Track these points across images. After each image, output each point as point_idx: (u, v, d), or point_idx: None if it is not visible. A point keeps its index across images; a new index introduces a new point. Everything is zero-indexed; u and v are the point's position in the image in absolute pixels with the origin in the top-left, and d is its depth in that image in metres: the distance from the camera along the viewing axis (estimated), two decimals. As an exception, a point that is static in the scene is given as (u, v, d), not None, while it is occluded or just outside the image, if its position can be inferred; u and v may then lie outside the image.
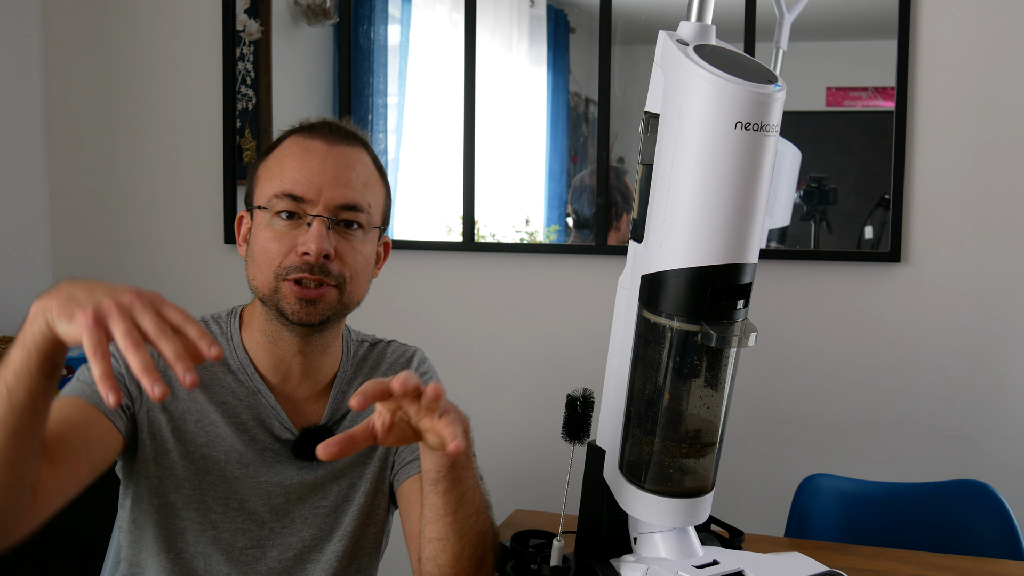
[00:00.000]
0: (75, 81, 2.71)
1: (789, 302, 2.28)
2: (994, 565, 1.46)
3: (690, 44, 0.98)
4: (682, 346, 1.02)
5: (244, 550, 1.21)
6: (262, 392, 1.23)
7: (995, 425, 2.18)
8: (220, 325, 1.27)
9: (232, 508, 1.21)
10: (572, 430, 1.09)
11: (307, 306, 1.16)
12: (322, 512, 1.24)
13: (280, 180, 1.18)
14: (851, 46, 2.33)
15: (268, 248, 1.17)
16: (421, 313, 2.51)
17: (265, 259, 1.17)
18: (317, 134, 1.21)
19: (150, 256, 2.69)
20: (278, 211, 1.17)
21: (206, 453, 1.20)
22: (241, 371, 1.23)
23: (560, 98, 2.51)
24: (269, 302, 1.19)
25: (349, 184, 1.18)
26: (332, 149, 1.20)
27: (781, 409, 2.30)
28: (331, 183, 1.17)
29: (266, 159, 1.23)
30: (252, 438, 1.22)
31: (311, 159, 1.18)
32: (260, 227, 1.19)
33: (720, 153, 0.95)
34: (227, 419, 1.21)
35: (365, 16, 2.56)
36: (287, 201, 1.17)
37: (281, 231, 1.17)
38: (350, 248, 1.19)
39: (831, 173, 2.27)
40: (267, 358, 1.24)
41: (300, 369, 1.24)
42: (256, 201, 1.21)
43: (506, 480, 2.41)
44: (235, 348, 1.25)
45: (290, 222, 1.17)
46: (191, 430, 1.20)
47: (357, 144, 1.23)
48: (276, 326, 1.22)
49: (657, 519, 1.08)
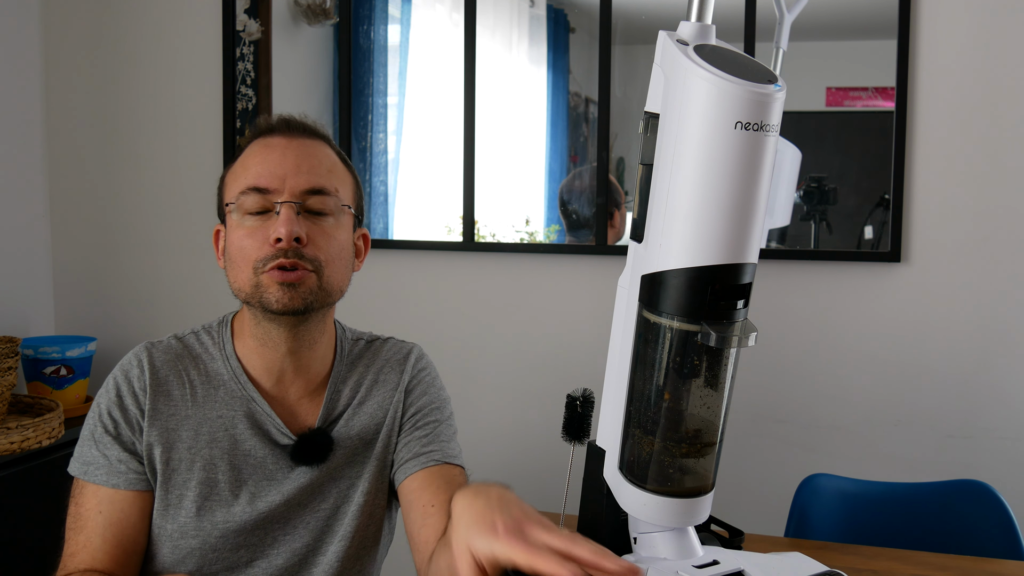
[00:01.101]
0: (75, 81, 2.71)
1: (789, 302, 2.28)
2: (994, 565, 1.46)
3: (690, 44, 0.98)
4: (682, 346, 1.02)
5: (250, 562, 1.22)
6: (256, 400, 1.24)
7: (995, 425, 2.18)
8: (212, 336, 1.28)
9: (235, 518, 1.21)
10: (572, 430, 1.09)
11: (288, 290, 1.17)
12: (322, 515, 1.25)
13: (244, 178, 1.20)
14: (851, 46, 2.33)
15: (243, 245, 1.18)
16: (421, 313, 2.51)
17: (241, 256, 1.18)
18: (276, 131, 1.23)
19: (150, 256, 2.69)
20: (246, 208, 1.18)
21: (204, 477, 1.21)
22: (234, 380, 1.24)
23: (560, 98, 2.51)
24: (252, 299, 1.19)
25: (312, 170, 1.20)
26: (292, 141, 1.22)
27: (781, 409, 2.30)
28: (294, 171, 1.19)
29: (231, 167, 1.25)
30: (250, 450, 1.22)
31: (271, 153, 1.20)
32: (232, 229, 1.21)
33: (720, 153, 0.94)
34: (222, 436, 1.22)
35: (365, 16, 2.56)
36: (253, 195, 1.18)
37: (253, 227, 1.18)
38: (321, 232, 1.20)
39: (831, 173, 2.27)
40: (259, 361, 1.24)
41: (292, 368, 1.25)
42: (224, 204, 1.23)
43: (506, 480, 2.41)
44: (228, 358, 1.25)
45: (260, 217, 1.19)
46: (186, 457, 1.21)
47: (317, 137, 1.25)
48: (264, 326, 1.22)
49: (657, 519, 1.08)
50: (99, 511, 1.18)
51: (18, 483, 2.07)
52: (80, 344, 2.45)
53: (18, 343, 2.18)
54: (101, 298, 2.73)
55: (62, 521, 1.20)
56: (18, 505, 2.08)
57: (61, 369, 2.39)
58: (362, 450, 1.27)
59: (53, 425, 2.14)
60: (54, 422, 2.15)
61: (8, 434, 2.02)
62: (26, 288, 2.67)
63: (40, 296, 2.71)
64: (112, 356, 2.58)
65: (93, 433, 1.21)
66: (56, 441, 2.15)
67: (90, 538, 1.16)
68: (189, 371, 1.24)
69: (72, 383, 2.42)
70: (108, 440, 1.20)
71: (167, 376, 1.23)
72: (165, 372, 1.23)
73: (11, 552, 2.07)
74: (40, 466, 2.13)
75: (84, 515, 1.18)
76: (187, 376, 1.24)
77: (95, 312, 2.73)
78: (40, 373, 2.39)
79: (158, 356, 1.25)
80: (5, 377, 2.11)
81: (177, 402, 1.22)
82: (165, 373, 1.23)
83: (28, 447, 2.07)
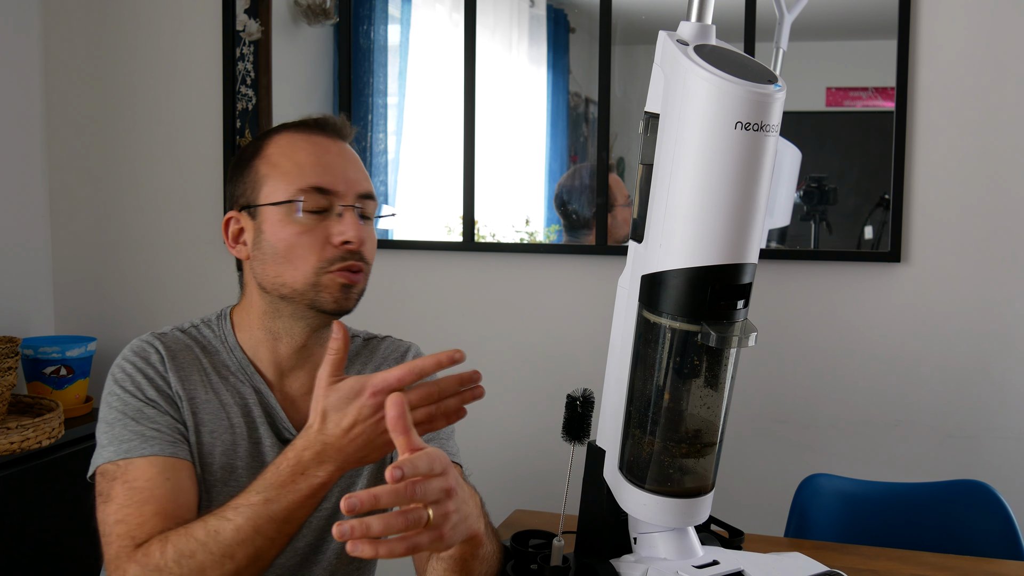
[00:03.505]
0: (75, 81, 2.71)
1: (789, 302, 2.28)
2: (994, 565, 1.46)
3: (690, 44, 0.98)
4: (682, 346, 1.02)
5: None
6: (263, 392, 1.23)
7: (995, 425, 2.18)
8: (213, 329, 1.26)
9: None
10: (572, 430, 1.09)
11: (347, 291, 1.19)
12: (324, 513, 1.25)
13: (299, 175, 1.18)
14: (851, 46, 2.33)
15: (299, 243, 1.17)
16: (421, 313, 2.51)
17: (299, 254, 1.17)
18: (327, 131, 1.24)
19: (150, 256, 2.69)
20: (307, 208, 1.17)
21: (224, 463, 1.20)
22: (241, 372, 1.23)
23: (560, 98, 2.51)
24: (302, 297, 1.18)
25: (362, 173, 1.23)
26: (335, 143, 1.23)
27: (781, 409, 2.30)
28: (353, 175, 1.21)
29: (261, 157, 1.21)
30: (258, 439, 1.22)
31: (327, 154, 1.21)
32: (277, 224, 1.18)
33: (720, 153, 0.95)
34: (239, 422, 1.21)
35: (365, 16, 2.56)
36: (316, 195, 1.18)
37: (310, 225, 1.17)
38: (370, 236, 1.23)
39: (831, 173, 2.27)
40: (268, 355, 1.24)
41: (298, 364, 1.25)
42: (269, 198, 1.19)
43: (506, 480, 2.42)
44: (232, 350, 1.24)
45: (315, 216, 1.18)
46: (207, 441, 1.20)
47: (349, 138, 1.28)
48: (286, 321, 1.22)
49: (657, 519, 1.08)
50: (166, 478, 1.11)
51: (18, 483, 2.07)
52: (80, 344, 2.45)
53: (18, 343, 2.18)
54: (101, 298, 2.73)
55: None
56: (18, 505, 2.08)
57: (61, 369, 2.39)
58: None
59: (53, 425, 2.14)
60: (54, 422, 2.15)
61: (8, 434, 2.02)
62: (26, 288, 2.67)
63: (40, 296, 2.71)
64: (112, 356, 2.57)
65: (127, 413, 1.15)
66: (56, 441, 2.15)
67: (163, 505, 1.08)
68: (201, 359, 1.23)
69: (72, 383, 2.42)
70: (154, 413, 1.15)
71: (184, 361, 1.21)
72: (181, 358, 1.22)
73: (11, 552, 2.07)
74: (40, 466, 2.13)
75: (145, 487, 1.09)
76: (200, 363, 1.22)
77: (95, 312, 2.73)
78: (40, 373, 2.38)
79: (170, 343, 1.22)
80: (5, 377, 2.11)
81: (196, 386, 1.20)
82: (181, 359, 1.22)
83: (28, 447, 2.07)
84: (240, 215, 1.23)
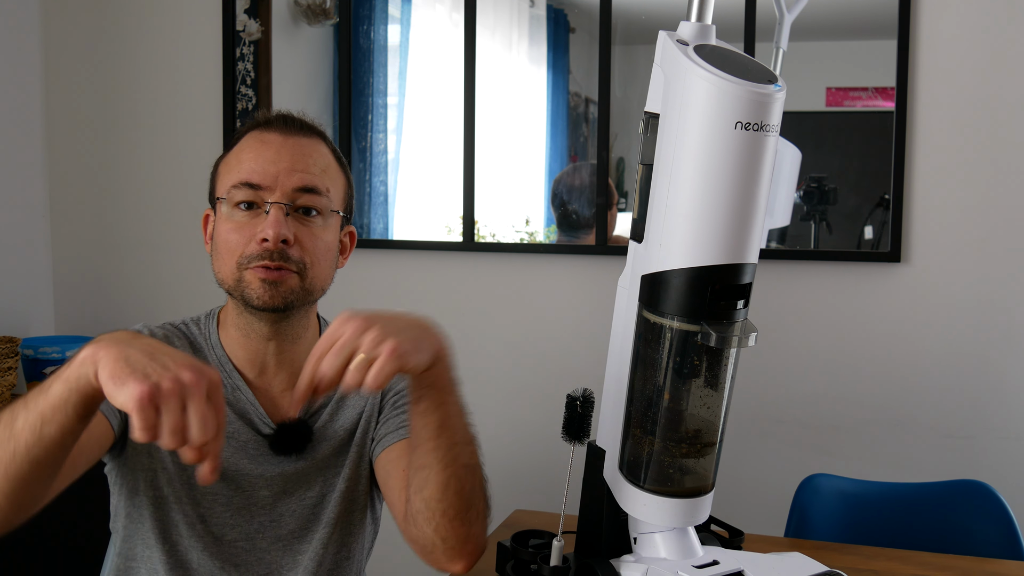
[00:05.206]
0: (75, 81, 2.71)
1: (789, 302, 2.28)
2: (994, 565, 1.46)
3: (690, 44, 0.98)
4: (682, 346, 1.02)
5: (234, 542, 1.23)
6: (241, 388, 1.26)
7: (995, 425, 2.18)
8: (199, 326, 1.30)
9: (220, 503, 1.23)
10: (572, 430, 1.09)
11: (270, 288, 1.19)
12: (308, 503, 1.26)
13: (237, 171, 1.21)
14: (851, 46, 2.33)
15: (229, 239, 1.20)
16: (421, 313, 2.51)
17: (227, 250, 1.20)
18: (273, 127, 1.24)
19: (150, 256, 2.69)
20: (236, 201, 1.20)
21: None
22: (219, 367, 1.26)
23: (560, 98, 2.51)
24: (235, 292, 1.21)
25: (306, 169, 1.22)
26: (288, 139, 1.23)
27: (781, 409, 2.30)
28: (287, 170, 1.20)
29: (225, 156, 1.27)
30: (235, 432, 1.24)
31: (267, 149, 1.22)
32: (221, 220, 1.22)
33: (720, 153, 0.95)
34: None
35: (365, 16, 2.56)
36: (244, 190, 1.20)
37: (241, 222, 1.20)
38: (309, 234, 1.21)
39: (831, 173, 2.27)
40: (243, 352, 1.26)
41: (275, 360, 1.27)
42: (216, 195, 1.24)
43: (506, 480, 2.41)
44: (213, 347, 1.28)
45: (249, 212, 1.20)
46: None
47: (314, 135, 1.26)
48: (246, 317, 1.24)
49: (657, 519, 1.08)
50: None
51: (18, 483, 2.07)
52: (80, 344, 2.44)
53: (18, 343, 2.18)
54: (101, 298, 2.73)
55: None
56: (18, 505, 2.08)
57: (61, 369, 2.39)
58: (346, 440, 1.29)
59: (53, 425, 2.14)
60: (54, 422, 2.14)
61: (8, 434, 2.02)
62: (26, 288, 2.67)
63: (40, 296, 2.71)
64: (112, 356, 2.57)
65: None
66: (56, 441, 2.15)
67: None
68: (187, 350, 1.27)
69: (72, 383, 2.42)
70: None
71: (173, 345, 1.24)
72: (170, 342, 1.25)
73: (11, 552, 2.07)
74: (40, 466, 2.13)
75: None
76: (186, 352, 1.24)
77: (95, 312, 2.73)
78: (40, 373, 2.38)
79: (159, 333, 1.27)
80: (5, 377, 2.11)
81: None
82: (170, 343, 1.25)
83: (28, 447, 2.06)
84: (211, 212, 1.28)
